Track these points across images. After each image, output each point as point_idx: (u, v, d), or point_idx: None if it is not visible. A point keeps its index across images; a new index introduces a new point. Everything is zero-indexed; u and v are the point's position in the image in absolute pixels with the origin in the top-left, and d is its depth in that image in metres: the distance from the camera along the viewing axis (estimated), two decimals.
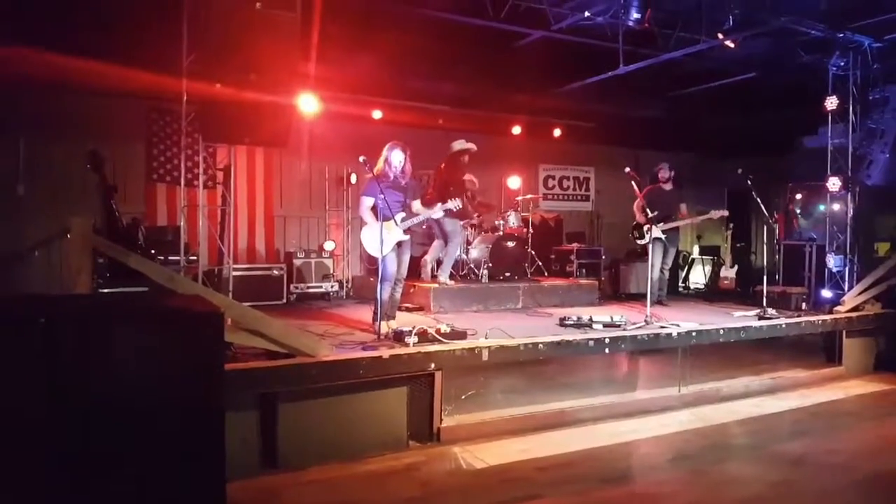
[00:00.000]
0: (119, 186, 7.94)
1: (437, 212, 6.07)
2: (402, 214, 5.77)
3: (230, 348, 4.50)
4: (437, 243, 8.13)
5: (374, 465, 4.47)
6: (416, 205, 6.04)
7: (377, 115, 9.57)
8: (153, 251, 6.15)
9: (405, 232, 5.79)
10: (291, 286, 8.31)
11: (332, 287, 8.68)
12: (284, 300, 8.18)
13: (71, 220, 3.67)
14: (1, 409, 2.81)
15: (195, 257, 7.15)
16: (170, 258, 6.34)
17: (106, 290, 4.82)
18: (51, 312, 2.96)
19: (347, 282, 9.38)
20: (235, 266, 7.78)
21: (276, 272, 8.19)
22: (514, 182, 10.57)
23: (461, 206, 6.26)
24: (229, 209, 7.37)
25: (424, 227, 9.41)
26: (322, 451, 4.49)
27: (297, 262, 8.39)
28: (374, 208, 5.72)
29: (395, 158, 5.79)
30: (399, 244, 5.83)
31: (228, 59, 5.10)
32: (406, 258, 5.99)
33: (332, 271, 8.73)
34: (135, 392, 3.10)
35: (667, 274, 8.62)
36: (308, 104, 8.09)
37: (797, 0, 7.55)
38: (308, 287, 8.42)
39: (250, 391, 4.26)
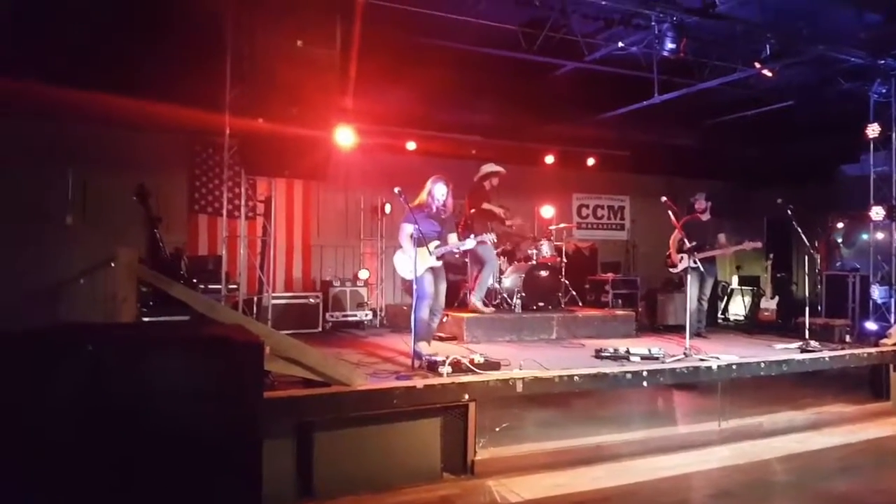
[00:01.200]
0: (163, 217, 8.24)
1: (469, 243, 6.09)
2: (437, 243, 5.87)
3: (268, 376, 4.57)
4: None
5: (407, 497, 4.45)
6: (452, 238, 6.15)
7: (411, 146, 9.71)
8: (195, 280, 6.28)
9: (438, 258, 5.89)
10: (327, 314, 8.40)
11: (366, 315, 8.75)
12: (320, 328, 8.26)
13: (117, 249, 3.79)
14: (49, 432, 2.89)
15: (235, 286, 7.29)
16: (210, 287, 6.47)
17: (149, 319, 4.94)
18: (97, 340, 3.06)
19: (381, 310, 9.44)
20: (274, 294, 7.90)
21: (312, 300, 8.29)
22: (548, 211, 10.55)
23: (495, 240, 6.34)
24: (270, 239, 7.52)
25: (458, 255, 9.53)
26: (356, 481, 4.49)
27: (332, 290, 8.49)
28: (412, 235, 5.85)
29: (439, 192, 5.97)
30: (432, 270, 5.89)
31: (270, 94, 5.28)
32: (442, 287, 6.07)
33: (366, 300, 8.80)
34: (175, 419, 3.17)
35: (705, 305, 8.46)
36: (345, 137, 8.25)
37: (835, 27, 7.47)
38: (343, 315, 8.50)
39: (287, 420, 4.30)
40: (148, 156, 7.84)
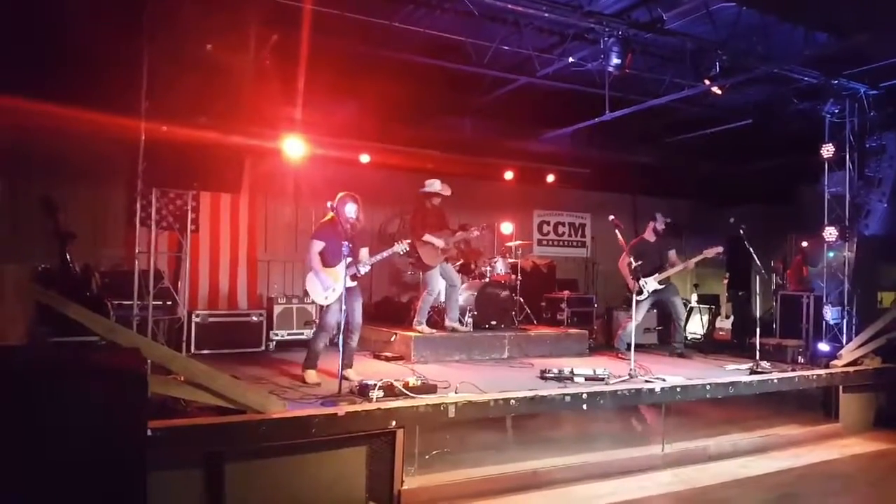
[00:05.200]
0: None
1: (376, 258, 5.99)
2: (349, 260, 5.70)
3: (180, 402, 4.33)
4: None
5: None
6: (363, 253, 5.98)
7: (365, 159, 9.52)
8: (110, 298, 6.00)
9: (353, 278, 5.76)
10: (271, 333, 8.11)
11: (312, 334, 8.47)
12: (263, 347, 7.97)
13: (2, 267, 3.54)
14: None
15: (170, 303, 7.02)
16: (123, 304, 6.19)
17: (56, 340, 4.67)
18: None
19: (338, 325, 9.16)
20: (212, 312, 7.64)
21: (255, 318, 8.00)
22: (507, 228, 10.43)
23: (408, 250, 6.18)
24: (185, 255, 7.25)
25: (410, 273, 9.35)
26: None
27: (277, 307, 8.20)
28: (322, 252, 5.77)
29: (348, 211, 5.77)
30: (347, 290, 5.72)
31: (178, 101, 5.04)
32: (357, 305, 5.90)
33: (314, 317, 8.53)
34: (53, 452, 2.94)
35: (682, 325, 8.38)
36: (293, 148, 8.04)
37: (787, 47, 7.44)
38: (289, 334, 8.21)
39: (193, 449, 4.03)
40: (76, 165, 7.50)
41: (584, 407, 5.54)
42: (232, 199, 8.78)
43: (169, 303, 7.17)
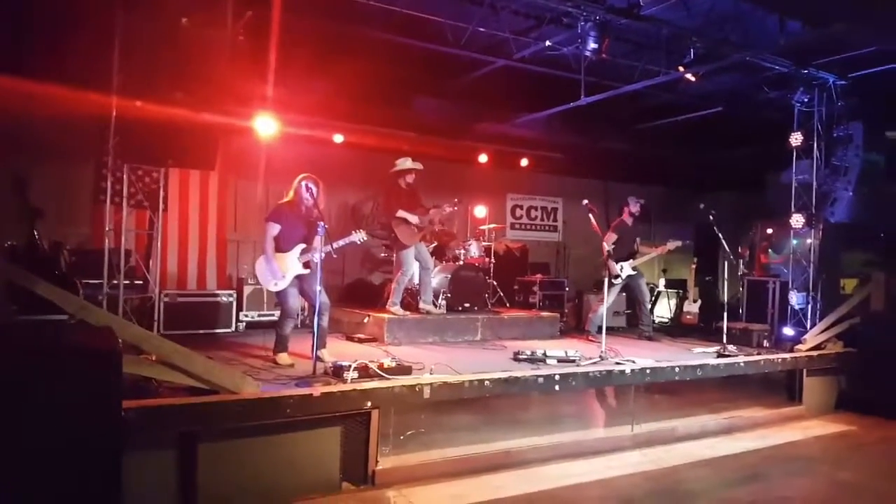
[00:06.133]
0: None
1: (332, 246, 5.68)
2: (302, 246, 5.65)
3: (151, 383, 4.27)
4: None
5: None
6: (317, 240, 5.70)
7: (338, 139, 9.41)
8: (80, 276, 5.87)
9: (306, 266, 5.63)
10: (241, 314, 8.02)
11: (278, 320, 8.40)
12: (233, 328, 7.89)
13: None
14: None
15: (139, 282, 6.89)
16: (90, 282, 6.06)
17: (25, 318, 4.56)
18: None
19: (303, 310, 9.11)
20: (181, 292, 7.52)
21: (225, 299, 7.90)
22: (481, 211, 10.44)
23: (366, 239, 5.97)
24: (156, 233, 7.11)
25: (384, 255, 9.31)
26: (246, 495, 4.22)
27: (247, 288, 8.11)
28: (277, 236, 5.61)
29: (306, 193, 5.62)
30: (299, 279, 5.65)
31: (151, 75, 4.91)
32: (316, 288, 5.51)
33: None
34: (26, 433, 2.89)
35: (648, 308, 8.50)
36: (265, 126, 7.91)
37: (761, 35, 7.53)
38: (260, 315, 8.13)
39: (167, 430, 3.98)
40: (43, 140, 7.28)
41: (557, 388, 5.61)
42: (201, 177, 8.62)
43: (137, 282, 7.04)
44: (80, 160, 7.95)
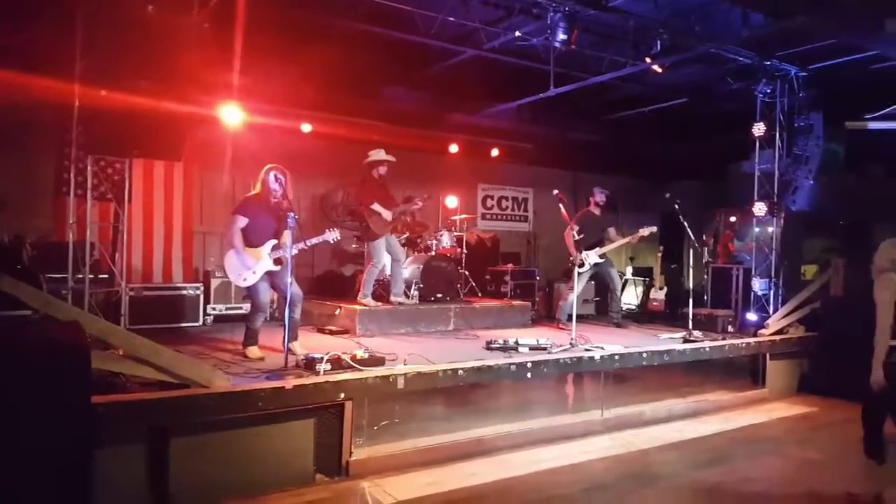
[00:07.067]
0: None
1: (305, 244, 5.59)
2: (273, 242, 5.57)
3: (119, 378, 4.20)
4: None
5: (272, 503, 4.19)
6: (287, 236, 5.54)
7: (306, 128, 9.30)
8: (43, 270, 5.73)
9: (276, 262, 5.54)
10: (208, 307, 7.92)
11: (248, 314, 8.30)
12: (201, 322, 7.78)
13: None
14: None
15: (103, 276, 6.76)
16: (56, 276, 5.92)
17: None
18: None
19: (272, 302, 9.03)
20: (147, 286, 7.40)
21: (192, 292, 7.78)
22: (452, 201, 10.45)
23: (339, 239, 5.87)
24: (122, 225, 6.98)
25: (355, 246, 9.27)
26: (219, 488, 4.19)
27: (214, 281, 7.99)
28: (245, 230, 5.50)
29: (272, 181, 5.50)
30: (269, 275, 5.59)
31: (115, 63, 4.78)
32: (287, 280, 5.41)
33: None
34: None
35: (618, 295, 8.63)
36: (231, 115, 7.79)
37: (724, 28, 7.65)
38: (228, 308, 8.03)
39: (137, 425, 3.94)
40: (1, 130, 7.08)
41: (529, 375, 5.68)
42: (166, 168, 8.46)
43: (102, 276, 6.91)
44: (42, 151, 7.75)
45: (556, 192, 7.02)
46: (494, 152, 11.61)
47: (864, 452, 4.43)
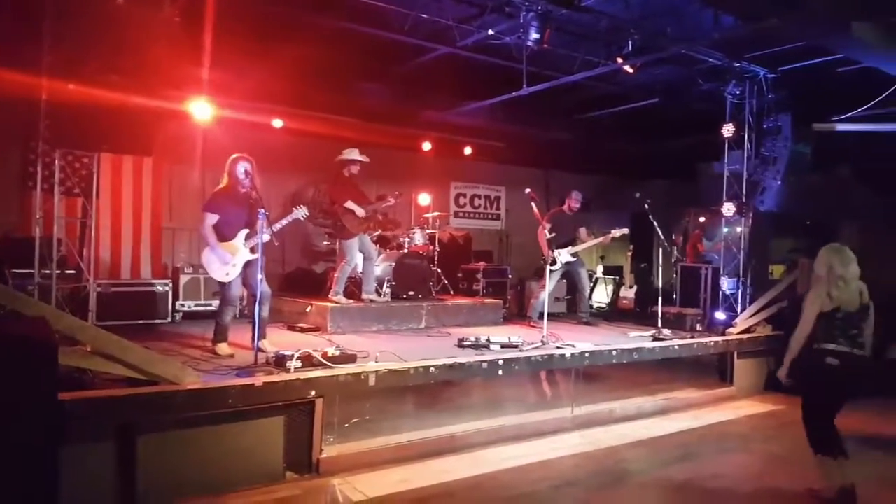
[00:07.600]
0: None
1: (276, 226, 5.54)
2: (246, 231, 5.53)
3: (87, 374, 4.13)
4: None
5: (242, 500, 4.17)
6: (259, 225, 5.51)
7: (278, 124, 9.23)
8: (8, 266, 5.60)
9: (252, 251, 5.49)
10: (177, 304, 7.81)
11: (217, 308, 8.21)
12: (170, 318, 7.67)
13: None
14: None
15: (71, 271, 6.63)
16: (22, 272, 5.80)
17: None
18: None
19: (242, 299, 8.93)
20: (114, 282, 7.26)
21: (160, 288, 7.66)
22: (425, 199, 10.45)
23: (308, 215, 5.83)
24: (90, 221, 6.85)
25: (326, 243, 9.22)
26: (188, 486, 4.15)
27: (184, 277, 7.89)
28: (217, 225, 5.45)
29: (240, 171, 5.46)
30: (248, 265, 5.54)
31: (86, 58, 4.69)
32: (259, 276, 5.39)
33: None
34: None
35: (587, 294, 8.69)
36: (201, 110, 7.68)
37: (695, 29, 7.76)
38: (196, 304, 7.94)
39: (105, 422, 3.87)
40: None
41: (500, 373, 5.70)
42: (135, 163, 8.31)
43: (69, 271, 6.78)
44: (6, 144, 7.57)
45: (528, 190, 7.08)
46: (467, 150, 11.65)
47: (811, 449, 4.53)
